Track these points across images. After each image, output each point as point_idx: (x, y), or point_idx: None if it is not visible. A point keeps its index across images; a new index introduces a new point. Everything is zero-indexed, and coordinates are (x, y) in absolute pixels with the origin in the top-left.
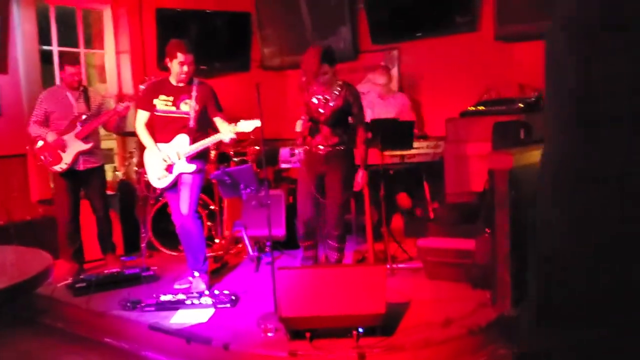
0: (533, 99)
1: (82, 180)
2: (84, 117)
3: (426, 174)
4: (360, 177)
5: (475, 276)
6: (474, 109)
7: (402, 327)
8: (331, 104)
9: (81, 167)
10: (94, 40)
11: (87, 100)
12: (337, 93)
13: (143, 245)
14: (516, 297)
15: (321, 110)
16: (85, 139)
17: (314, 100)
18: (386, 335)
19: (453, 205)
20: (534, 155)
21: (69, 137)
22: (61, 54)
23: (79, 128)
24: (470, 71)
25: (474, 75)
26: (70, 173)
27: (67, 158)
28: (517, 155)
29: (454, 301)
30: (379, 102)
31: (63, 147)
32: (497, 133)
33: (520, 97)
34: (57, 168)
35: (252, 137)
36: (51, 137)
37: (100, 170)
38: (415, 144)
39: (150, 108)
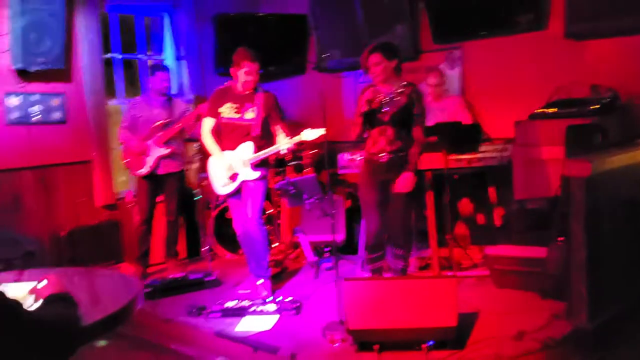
0: (608, 99)
1: (161, 183)
2: (165, 122)
3: (492, 179)
4: (406, 179)
5: (546, 286)
6: (544, 110)
7: (472, 339)
8: (395, 102)
9: (161, 171)
10: (153, 47)
11: (170, 107)
12: (400, 91)
13: (204, 249)
14: (593, 310)
15: (385, 110)
16: (165, 144)
17: (377, 101)
18: (457, 349)
19: (522, 211)
20: (613, 161)
21: (151, 143)
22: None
23: (160, 133)
24: (538, 71)
25: (542, 76)
26: (151, 176)
27: (149, 162)
28: (596, 162)
29: (524, 312)
30: (433, 105)
31: (145, 152)
32: (571, 137)
33: (594, 97)
34: (140, 172)
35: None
36: (134, 141)
37: (179, 175)
38: (482, 148)
39: (216, 115)
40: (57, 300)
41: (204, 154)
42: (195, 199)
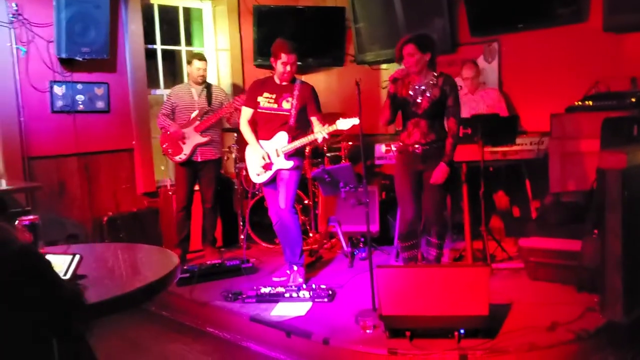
0: None
1: (199, 170)
2: (204, 111)
3: (528, 172)
4: (440, 170)
5: (581, 279)
6: (581, 103)
7: (505, 329)
8: (428, 94)
9: (199, 158)
10: (193, 37)
11: (209, 96)
12: (433, 83)
13: (242, 237)
14: (628, 304)
15: (419, 101)
16: (203, 133)
17: (410, 93)
18: (489, 338)
19: (557, 204)
20: None
21: (189, 130)
22: (190, 51)
23: (198, 122)
24: (576, 64)
25: (580, 69)
26: (189, 163)
27: (186, 149)
28: (631, 154)
29: (558, 304)
30: (469, 98)
31: (183, 139)
32: (607, 129)
33: (633, 91)
34: (177, 158)
35: (345, 132)
36: (173, 128)
37: (217, 163)
38: (518, 140)
39: (254, 105)
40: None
41: (242, 144)
42: (233, 187)
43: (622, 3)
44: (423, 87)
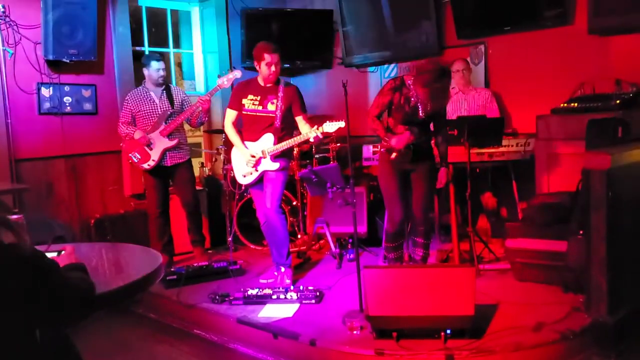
0: (631, 94)
1: (170, 175)
2: (168, 114)
3: (514, 173)
4: (444, 173)
5: (567, 279)
6: (566, 105)
7: (491, 329)
8: (423, 106)
9: (168, 163)
10: (182, 40)
11: (170, 97)
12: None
13: (229, 239)
14: (612, 303)
15: (420, 112)
16: (170, 136)
17: (412, 100)
18: (475, 338)
19: (543, 205)
20: (634, 155)
21: (155, 135)
22: (146, 53)
23: (163, 125)
24: (562, 66)
25: (566, 71)
26: (159, 169)
27: (154, 155)
28: (616, 155)
29: (544, 304)
30: (460, 97)
31: (150, 145)
32: (592, 130)
33: (617, 92)
34: (146, 165)
35: (333, 134)
36: (138, 134)
37: (187, 165)
38: (504, 142)
39: (239, 107)
40: (74, 269)
41: (230, 145)
42: (221, 189)
43: (606, 6)
44: (425, 100)
